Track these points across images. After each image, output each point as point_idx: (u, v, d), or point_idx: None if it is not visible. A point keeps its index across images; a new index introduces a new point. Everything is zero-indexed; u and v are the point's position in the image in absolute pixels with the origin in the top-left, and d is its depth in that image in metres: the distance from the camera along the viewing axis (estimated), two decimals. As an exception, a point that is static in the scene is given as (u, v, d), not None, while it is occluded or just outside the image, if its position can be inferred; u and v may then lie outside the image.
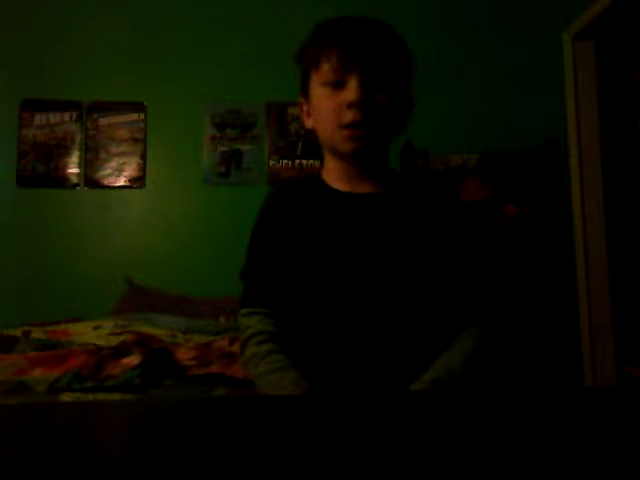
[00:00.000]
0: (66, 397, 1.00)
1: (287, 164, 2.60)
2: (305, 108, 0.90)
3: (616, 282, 2.46)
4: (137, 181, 2.56)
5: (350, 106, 0.79)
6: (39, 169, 2.52)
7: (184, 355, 1.23)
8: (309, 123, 0.90)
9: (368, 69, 0.79)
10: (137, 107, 2.59)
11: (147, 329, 1.69)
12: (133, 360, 1.12)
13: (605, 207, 2.49)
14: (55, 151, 2.54)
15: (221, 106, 2.60)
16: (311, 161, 2.60)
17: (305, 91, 0.89)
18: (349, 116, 0.79)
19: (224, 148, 2.59)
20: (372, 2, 2.64)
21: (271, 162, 2.59)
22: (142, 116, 2.58)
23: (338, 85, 0.80)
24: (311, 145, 2.61)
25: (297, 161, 2.60)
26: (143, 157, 2.57)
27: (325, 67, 0.81)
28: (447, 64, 2.66)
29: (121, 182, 2.56)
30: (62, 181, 2.53)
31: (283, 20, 2.64)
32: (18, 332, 1.56)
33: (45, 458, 0.35)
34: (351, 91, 0.78)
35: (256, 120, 2.61)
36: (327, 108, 0.82)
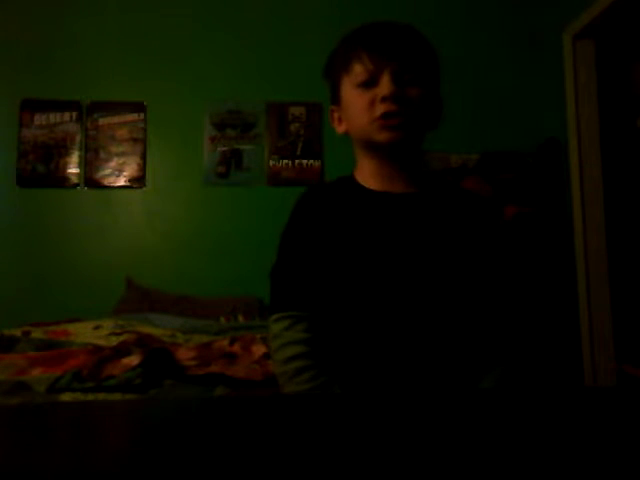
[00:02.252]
0: (66, 397, 1.00)
1: (287, 164, 2.59)
2: (336, 115, 0.91)
3: (616, 282, 2.46)
4: (137, 181, 2.56)
5: (384, 99, 0.80)
6: (39, 169, 2.52)
7: (184, 355, 1.23)
8: (341, 129, 0.90)
9: (399, 65, 0.81)
10: (137, 107, 2.59)
11: (147, 329, 1.69)
12: (133, 360, 1.12)
13: (605, 207, 2.49)
14: (55, 151, 2.54)
15: (221, 106, 2.60)
16: (311, 161, 2.60)
17: (335, 99, 0.90)
18: (383, 107, 0.80)
19: (224, 148, 2.59)
20: (372, 3, 2.64)
21: (271, 162, 2.59)
22: (142, 116, 2.58)
23: (370, 84, 0.81)
24: (311, 145, 2.61)
25: (297, 161, 2.60)
26: (143, 157, 2.57)
27: (357, 68, 0.82)
28: (447, 64, 2.66)
29: (121, 182, 2.55)
30: (62, 181, 2.53)
31: (283, 20, 2.64)
32: (18, 332, 1.56)
33: (45, 458, 0.35)
34: (384, 86, 0.80)
35: (256, 120, 2.61)
36: (360, 105, 0.82)
